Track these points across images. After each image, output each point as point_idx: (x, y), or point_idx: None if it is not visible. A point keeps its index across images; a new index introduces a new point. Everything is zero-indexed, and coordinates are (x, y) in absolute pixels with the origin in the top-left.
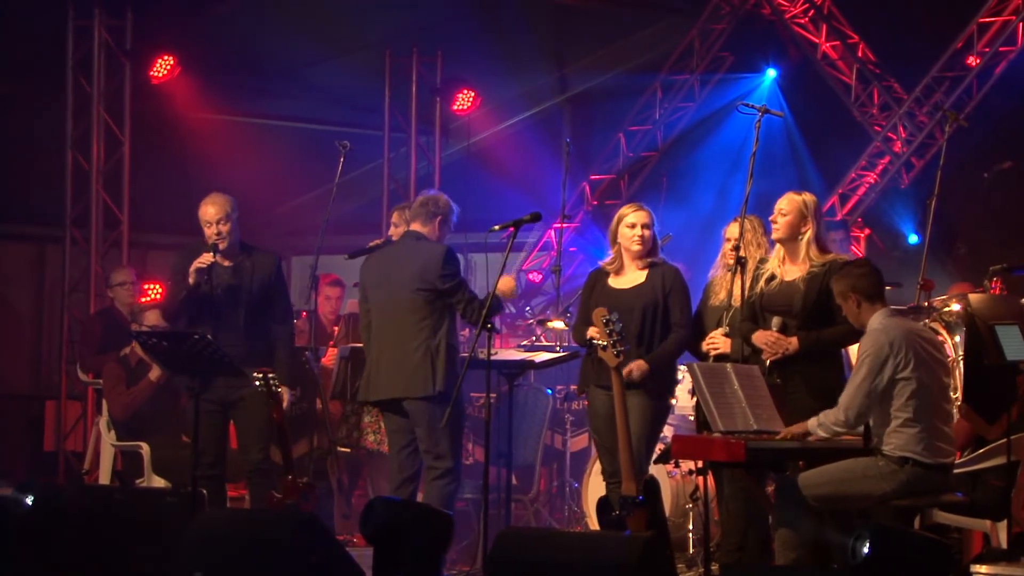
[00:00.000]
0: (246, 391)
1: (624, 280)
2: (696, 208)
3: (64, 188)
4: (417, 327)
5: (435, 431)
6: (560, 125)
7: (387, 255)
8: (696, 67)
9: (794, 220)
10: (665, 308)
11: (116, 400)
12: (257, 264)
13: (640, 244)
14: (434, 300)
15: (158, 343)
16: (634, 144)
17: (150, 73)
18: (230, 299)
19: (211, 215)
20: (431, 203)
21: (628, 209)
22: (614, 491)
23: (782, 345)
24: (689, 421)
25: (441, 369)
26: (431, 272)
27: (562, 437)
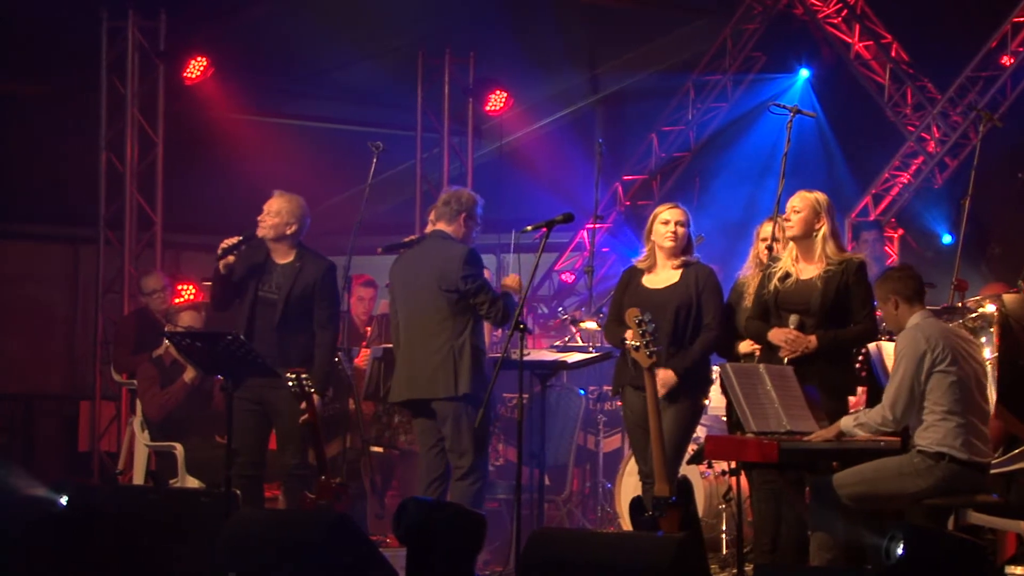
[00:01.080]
0: (282, 392)
1: (658, 279)
2: (729, 208)
3: (98, 189)
4: (440, 327)
5: (458, 431)
6: (592, 125)
7: (413, 255)
8: (729, 67)
9: (808, 217)
10: (698, 308)
11: (150, 401)
12: (306, 267)
13: (673, 240)
14: (457, 301)
15: (191, 344)
16: (667, 144)
17: (183, 74)
18: (272, 299)
19: (266, 205)
20: (453, 200)
21: (664, 207)
22: (647, 492)
23: (801, 343)
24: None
25: (465, 370)
26: (452, 273)
27: (595, 438)
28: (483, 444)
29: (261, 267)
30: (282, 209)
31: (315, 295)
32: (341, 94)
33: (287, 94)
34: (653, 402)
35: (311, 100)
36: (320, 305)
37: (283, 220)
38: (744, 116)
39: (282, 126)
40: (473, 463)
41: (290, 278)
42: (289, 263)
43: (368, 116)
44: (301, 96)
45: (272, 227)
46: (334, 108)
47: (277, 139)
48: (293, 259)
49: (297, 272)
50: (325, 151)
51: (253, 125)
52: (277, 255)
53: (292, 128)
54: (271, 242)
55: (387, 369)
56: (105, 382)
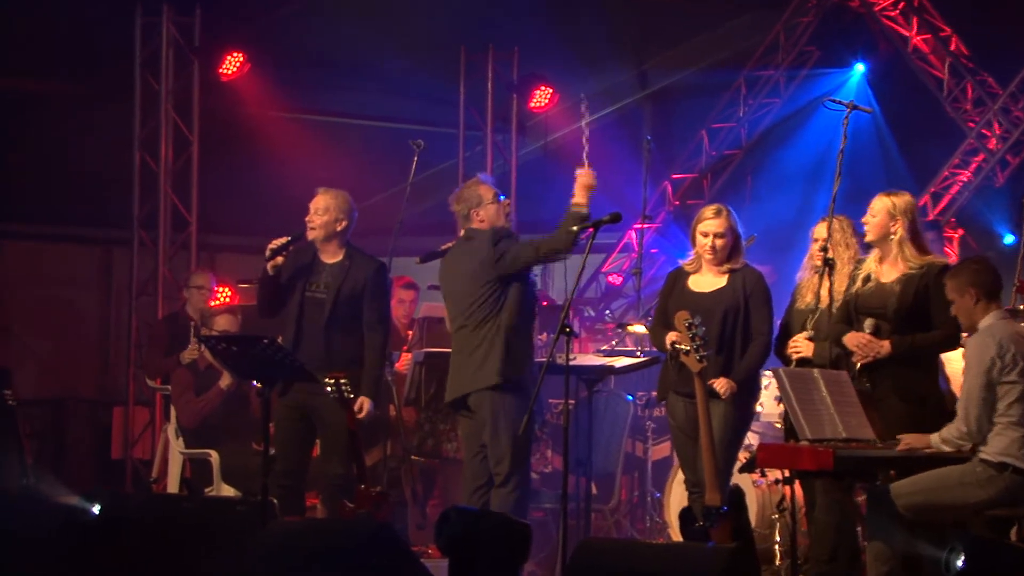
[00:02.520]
0: (328, 400)
1: (705, 283)
2: (781, 208)
3: (132, 189)
4: (480, 322)
5: (496, 432)
6: (640, 123)
7: (452, 258)
8: (781, 62)
9: (882, 221)
10: (746, 313)
11: (185, 407)
12: (355, 267)
13: (711, 254)
14: (495, 290)
15: (227, 348)
16: (717, 142)
17: (219, 70)
18: (319, 300)
19: (313, 203)
20: (460, 204)
21: (706, 213)
22: (697, 501)
23: (874, 348)
24: (775, 429)
25: (498, 354)
26: (487, 263)
27: (643, 445)
28: (524, 451)
29: (308, 268)
30: (330, 206)
31: (364, 295)
32: (381, 91)
33: (325, 90)
34: (703, 408)
35: (350, 97)
36: (370, 305)
37: (332, 217)
38: (798, 112)
39: (320, 123)
40: (511, 469)
41: (339, 277)
42: (338, 262)
43: (408, 113)
44: (339, 93)
45: (323, 226)
46: (373, 105)
47: (315, 137)
48: (342, 258)
49: (346, 271)
50: (364, 149)
51: (290, 122)
52: (325, 254)
53: (330, 125)
54: (320, 242)
55: (429, 374)
56: (139, 387)
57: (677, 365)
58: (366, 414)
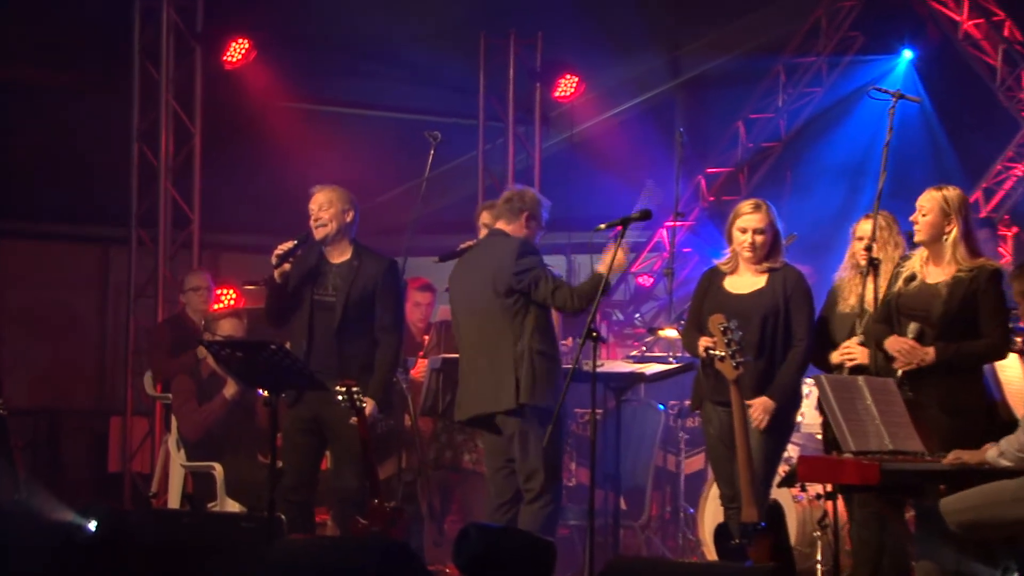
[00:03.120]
0: (341, 409)
1: (742, 284)
2: (823, 204)
3: (130, 184)
4: (500, 334)
5: (525, 449)
6: (672, 113)
7: (470, 259)
8: (823, 48)
9: (935, 219)
10: (787, 316)
11: (187, 417)
12: (364, 266)
13: (750, 251)
14: (515, 302)
15: (231, 354)
16: (754, 134)
17: (223, 58)
18: (328, 303)
19: (314, 200)
20: (516, 198)
21: (743, 208)
22: (733, 517)
23: (917, 354)
24: (816, 440)
25: (527, 379)
26: (506, 271)
27: (675, 458)
28: (555, 464)
29: (315, 270)
30: (332, 198)
31: (376, 295)
32: (395, 79)
33: (335, 79)
34: (740, 418)
35: (362, 86)
36: (383, 306)
37: (338, 209)
38: (840, 102)
39: (331, 114)
40: (544, 484)
41: (348, 278)
42: (346, 262)
43: (425, 103)
44: (350, 82)
45: (333, 219)
46: (387, 95)
47: (324, 128)
48: (350, 257)
49: (356, 271)
50: (377, 142)
51: (299, 113)
52: (332, 254)
53: (341, 116)
54: (329, 240)
55: (446, 381)
56: (137, 396)
57: (712, 372)
58: (369, 415)
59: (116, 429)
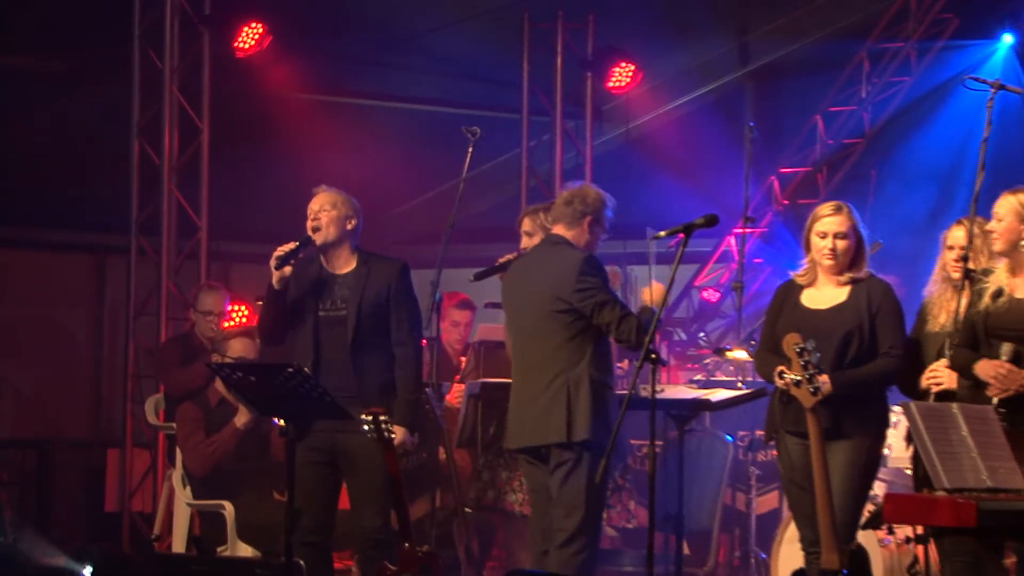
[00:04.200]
0: (360, 438)
1: (821, 298)
2: (912, 208)
3: (129, 186)
4: (552, 356)
5: (567, 484)
6: (742, 105)
7: (522, 267)
8: (912, 33)
9: (1013, 225)
10: (872, 333)
11: (193, 450)
12: (374, 273)
13: (832, 259)
14: (573, 322)
15: (243, 378)
16: (834, 129)
17: (234, 44)
18: (338, 317)
19: (314, 202)
20: (577, 200)
21: (823, 210)
22: (812, 563)
23: (1015, 379)
24: (906, 476)
25: (583, 411)
26: (565, 287)
27: (746, 496)
28: (598, 504)
29: (317, 283)
30: (336, 201)
31: (391, 303)
32: (428, 68)
33: (361, 69)
34: (819, 451)
35: (391, 76)
36: (398, 316)
37: (342, 213)
38: (932, 93)
39: (355, 108)
40: (581, 525)
41: (358, 287)
42: (353, 271)
43: (461, 95)
44: (378, 71)
45: (333, 223)
46: (420, 86)
47: (349, 124)
48: (357, 265)
49: (365, 278)
50: (408, 139)
51: (320, 107)
52: (336, 264)
53: (368, 110)
54: (329, 248)
55: (487, 409)
56: (137, 425)
57: (787, 399)
58: (400, 443)
59: (114, 463)
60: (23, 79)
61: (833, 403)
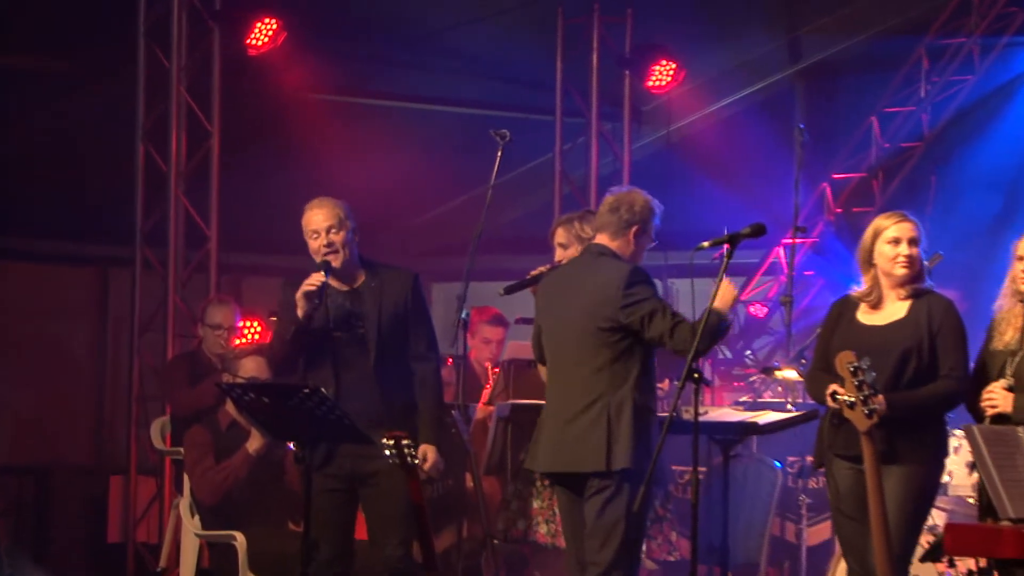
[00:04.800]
0: (380, 464)
1: (879, 314)
2: (975, 217)
3: (134, 194)
4: (592, 377)
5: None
6: (791, 106)
7: (561, 278)
8: (975, 28)
9: None
10: (932, 353)
11: (202, 477)
12: (387, 285)
13: (907, 267)
14: (618, 341)
15: (256, 400)
16: (891, 131)
17: (246, 41)
18: (353, 336)
19: (317, 222)
20: (624, 207)
21: (887, 219)
22: None
23: None
24: (968, 504)
25: (624, 438)
26: (610, 302)
27: (795, 526)
28: (637, 535)
29: (319, 292)
30: (340, 215)
31: (409, 316)
32: (454, 67)
33: (382, 67)
34: (874, 477)
35: (414, 75)
36: (416, 330)
37: (349, 227)
38: (996, 93)
39: (376, 110)
40: (617, 558)
41: (374, 303)
42: (363, 285)
43: (490, 95)
44: (401, 70)
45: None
46: (445, 86)
47: (369, 127)
48: (366, 278)
49: (380, 292)
50: (433, 143)
51: (338, 109)
52: (342, 280)
53: (389, 112)
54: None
55: (517, 434)
56: (142, 450)
57: (840, 422)
58: (432, 465)
59: (117, 490)
60: (19, 79)
61: (889, 426)
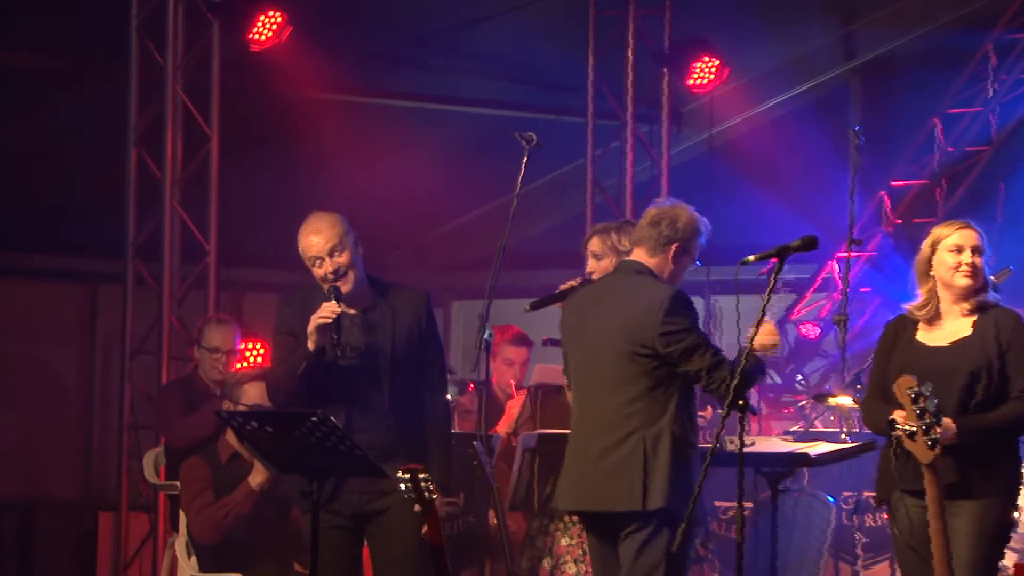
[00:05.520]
0: (391, 500)
1: (940, 333)
2: None
3: (125, 203)
4: (628, 409)
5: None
6: (846, 107)
7: (590, 296)
8: None
9: None
10: (1002, 373)
11: (200, 514)
12: (398, 307)
13: (969, 277)
14: (655, 368)
15: (259, 429)
16: (955, 134)
17: (249, 36)
18: (365, 363)
19: (317, 246)
20: (666, 222)
21: (948, 227)
22: None
23: None
24: None
25: (661, 474)
26: (648, 327)
27: (851, 567)
28: None
29: (334, 325)
30: (342, 233)
31: (423, 340)
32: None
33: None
34: (937, 514)
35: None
36: (430, 356)
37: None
38: None
39: (390, 111)
40: None
41: (387, 327)
42: (372, 306)
43: (515, 95)
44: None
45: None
46: (465, 84)
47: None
48: (377, 299)
49: (392, 315)
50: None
51: (348, 109)
52: (351, 301)
53: (405, 114)
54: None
55: (544, 466)
56: (134, 485)
57: (901, 453)
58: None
59: (107, 527)
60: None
61: (957, 455)
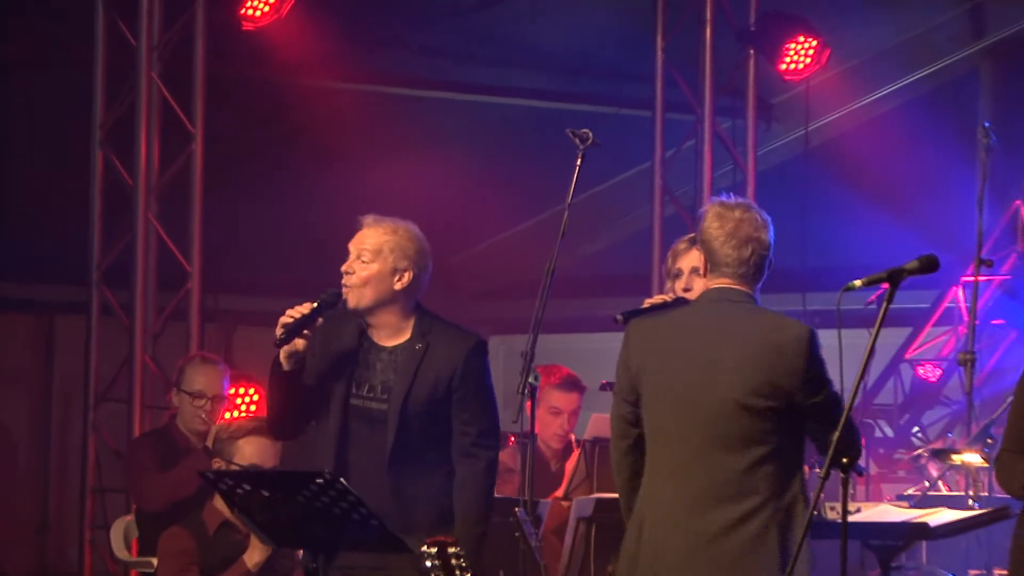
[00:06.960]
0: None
1: None
2: None
3: (89, 217)
4: (747, 472)
5: None
6: (973, 96)
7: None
8: None
9: None
10: None
11: None
12: (434, 351)
13: None
14: (780, 423)
15: (252, 492)
16: None
17: (241, 12)
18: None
19: (356, 241)
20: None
21: None
22: None
23: None
24: None
25: (803, 559)
26: (787, 374)
27: None
28: None
29: (352, 356)
30: (383, 244)
31: (455, 396)
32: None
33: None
34: None
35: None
36: (466, 414)
37: (388, 266)
38: None
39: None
40: None
41: (409, 371)
42: (405, 344)
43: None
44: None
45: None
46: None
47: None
48: (411, 336)
49: (421, 357)
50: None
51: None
52: (381, 332)
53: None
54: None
55: (602, 538)
56: (99, 560)
57: None
58: None
59: None
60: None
61: None
